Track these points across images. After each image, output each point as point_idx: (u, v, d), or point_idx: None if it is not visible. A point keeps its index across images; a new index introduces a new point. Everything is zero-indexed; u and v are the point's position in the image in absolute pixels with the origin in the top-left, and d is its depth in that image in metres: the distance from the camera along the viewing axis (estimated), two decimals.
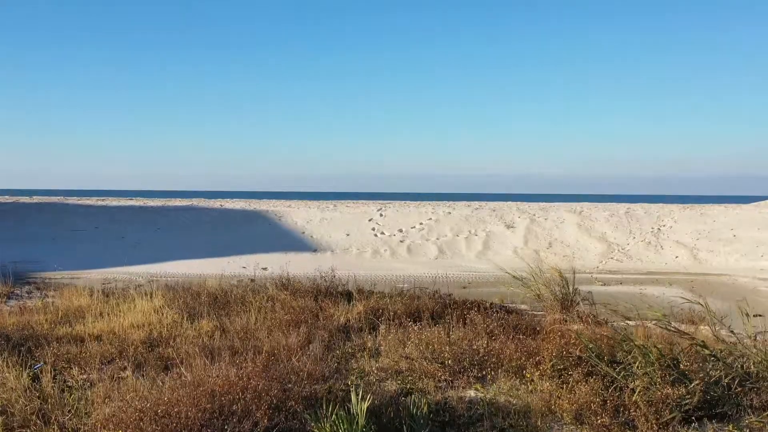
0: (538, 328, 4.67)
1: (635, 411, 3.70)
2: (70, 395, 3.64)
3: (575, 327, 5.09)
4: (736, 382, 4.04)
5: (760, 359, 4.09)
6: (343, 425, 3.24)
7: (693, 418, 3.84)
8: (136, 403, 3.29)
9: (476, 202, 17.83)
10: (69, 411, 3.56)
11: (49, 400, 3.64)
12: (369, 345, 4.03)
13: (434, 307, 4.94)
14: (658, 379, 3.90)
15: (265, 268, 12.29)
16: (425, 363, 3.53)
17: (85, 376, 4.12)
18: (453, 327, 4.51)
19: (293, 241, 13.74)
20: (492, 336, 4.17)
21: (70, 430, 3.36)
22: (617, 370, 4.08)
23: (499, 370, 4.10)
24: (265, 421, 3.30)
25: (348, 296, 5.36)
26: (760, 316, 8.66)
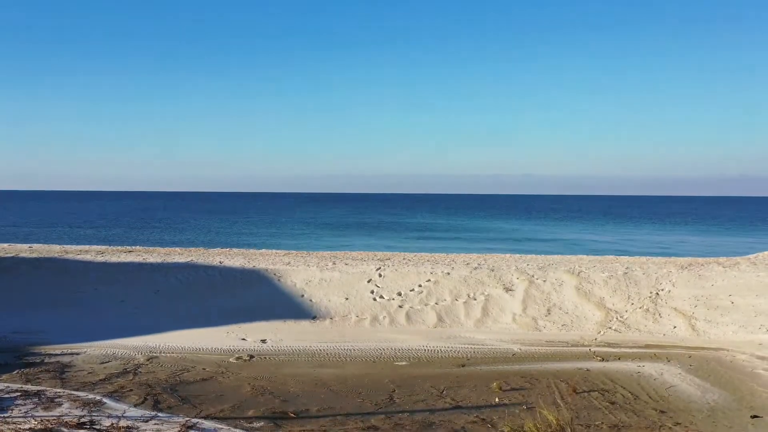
0: None
1: None
2: None
3: None
4: None
5: None
6: None
7: None
8: None
9: (476, 254, 17.88)
10: None
11: None
12: None
13: None
14: None
15: (264, 341, 12.34)
16: None
17: None
18: None
19: (292, 307, 13.77)
20: None
21: None
22: None
23: None
24: None
25: None
26: (758, 417, 8.65)
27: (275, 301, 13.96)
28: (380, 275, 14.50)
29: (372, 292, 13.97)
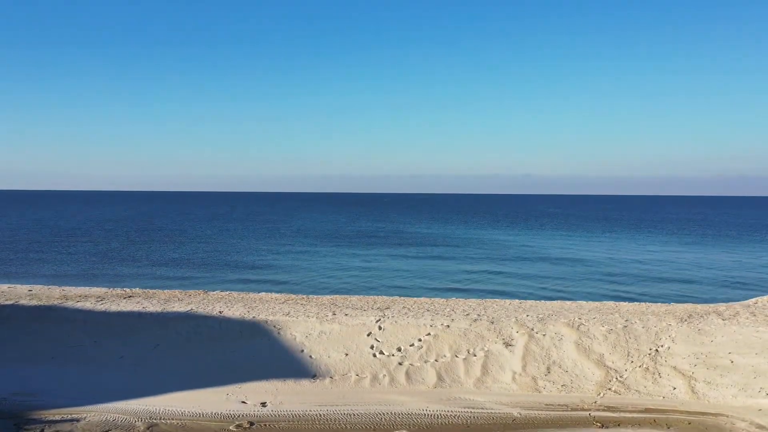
0: None
1: None
2: None
3: None
4: None
5: None
6: None
7: None
8: None
9: (475, 300, 17.85)
10: None
11: None
12: None
13: None
14: None
15: (264, 404, 12.36)
16: None
17: None
18: None
19: (292, 363, 13.77)
20: None
21: None
22: None
23: None
24: None
25: None
26: None
27: (275, 357, 13.96)
28: (380, 328, 14.51)
29: (372, 347, 13.98)
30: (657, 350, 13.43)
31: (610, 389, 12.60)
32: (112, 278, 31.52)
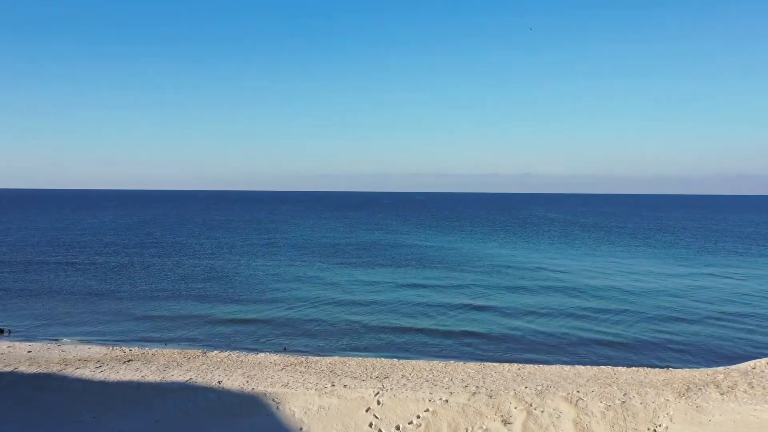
0: None
1: None
2: None
3: None
4: None
5: None
6: None
7: None
8: None
9: (474, 365, 17.88)
10: None
11: None
12: None
13: None
14: None
15: None
16: None
17: None
18: None
19: None
20: None
21: None
22: None
23: None
24: None
25: None
26: None
27: None
28: (378, 402, 14.55)
29: (371, 425, 14.01)
30: (655, 430, 13.47)
31: None
32: (109, 315, 31.49)
